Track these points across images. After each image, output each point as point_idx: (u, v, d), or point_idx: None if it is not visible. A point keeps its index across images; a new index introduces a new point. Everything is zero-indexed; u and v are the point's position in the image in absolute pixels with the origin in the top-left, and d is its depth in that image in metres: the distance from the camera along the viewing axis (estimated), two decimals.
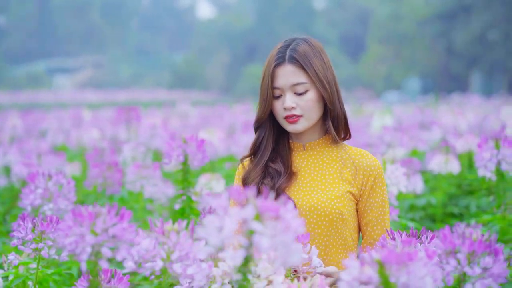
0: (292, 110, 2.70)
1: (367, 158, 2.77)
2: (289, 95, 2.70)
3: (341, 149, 2.81)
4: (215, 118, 14.11)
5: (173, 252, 2.06)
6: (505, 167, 3.81)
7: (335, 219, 2.67)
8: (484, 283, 1.94)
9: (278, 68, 2.72)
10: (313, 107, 2.71)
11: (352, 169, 2.74)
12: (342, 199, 2.69)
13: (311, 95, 2.70)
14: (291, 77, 2.70)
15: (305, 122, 2.73)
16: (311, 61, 2.70)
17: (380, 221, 2.75)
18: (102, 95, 37.48)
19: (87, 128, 9.29)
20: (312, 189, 2.73)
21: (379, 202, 2.75)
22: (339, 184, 2.72)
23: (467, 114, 10.80)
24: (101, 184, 4.91)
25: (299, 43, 2.74)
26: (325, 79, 2.70)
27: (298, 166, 2.79)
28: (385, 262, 1.79)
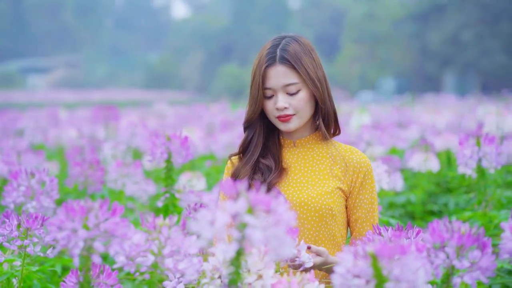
0: (285, 110, 2.71)
1: (357, 155, 2.79)
2: (281, 96, 2.71)
3: (331, 145, 2.82)
4: (193, 118, 14.10)
5: (165, 247, 2.06)
6: (486, 164, 3.85)
7: (324, 214, 2.69)
8: (472, 276, 1.96)
9: (269, 68, 2.72)
10: (305, 106, 2.72)
11: (342, 165, 2.76)
12: (332, 195, 2.71)
13: (303, 94, 2.71)
14: (283, 78, 2.70)
15: (297, 121, 2.74)
16: (302, 61, 2.70)
17: (369, 217, 2.77)
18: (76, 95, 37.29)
19: (65, 127, 9.26)
20: (302, 184, 2.75)
21: (368, 199, 2.76)
22: (329, 180, 2.74)
23: (444, 113, 10.89)
24: (82, 183, 4.89)
25: (289, 42, 2.74)
26: (316, 77, 2.72)
27: (289, 162, 2.81)
28: (378, 255, 1.80)
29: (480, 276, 1.97)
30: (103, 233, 1.95)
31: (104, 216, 1.94)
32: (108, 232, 1.95)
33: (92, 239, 1.93)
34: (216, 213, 1.75)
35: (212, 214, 1.75)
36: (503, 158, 3.92)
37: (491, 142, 3.86)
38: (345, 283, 1.83)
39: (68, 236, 1.91)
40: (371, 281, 1.81)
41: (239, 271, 1.82)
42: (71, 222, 1.92)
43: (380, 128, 7.45)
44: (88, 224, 1.92)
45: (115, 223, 1.95)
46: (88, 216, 1.93)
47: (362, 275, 1.81)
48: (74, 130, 8.86)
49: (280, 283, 2.03)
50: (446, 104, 19.28)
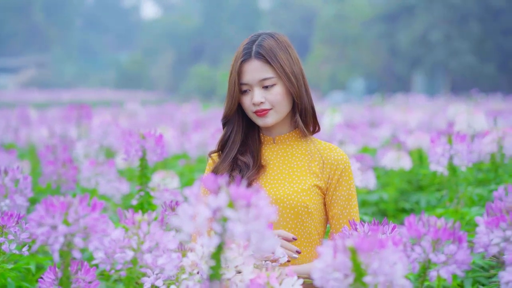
0: (261, 105, 2.74)
1: (335, 152, 2.80)
2: (257, 90, 2.73)
3: (310, 143, 2.84)
4: (165, 117, 14.07)
5: (144, 242, 2.07)
6: (457, 162, 3.90)
7: (300, 212, 2.70)
8: (449, 270, 1.99)
9: (245, 64, 2.75)
10: (282, 100, 2.74)
11: (320, 162, 2.78)
12: (308, 193, 2.72)
13: (279, 89, 2.73)
14: (258, 73, 2.72)
15: (274, 115, 2.76)
16: (276, 56, 2.72)
17: (345, 214, 2.77)
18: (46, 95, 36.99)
19: (36, 126, 9.20)
20: (279, 181, 2.76)
21: (344, 196, 2.77)
22: (306, 177, 2.75)
23: (415, 112, 10.98)
24: (55, 181, 4.86)
25: (265, 38, 2.77)
26: (292, 73, 2.74)
27: (268, 159, 2.83)
28: (357, 249, 1.83)
29: (456, 269, 2.00)
30: (83, 229, 1.95)
31: (84, 212, 1.95)
32: (87, 228, 1.95)
33: (72, 235, 1.93)
34: (197, 208, 1.76)
35: (193, 209, 1.77)
36: (474, 156, 3.97)
37: (463, 140, 3.91)
38: (324, 277, 1.86)
39: (48, 232, 1.91)
40: (350, 275, 1.84)
41: (220, 265, 1.83)
42: (51, 217, 1.92)
43: (353, 127, 7.51)
44: (68, 219, 1.92)
45: (95, 218, 1.95)
46: (68, 212, 1.93)
47: (341, 269, 1.84)
48: (45, 129, 8.82)
49: (259, 278, 2.05)
50: (417, 104, 19.45)
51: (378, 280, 1.82)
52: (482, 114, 5.75)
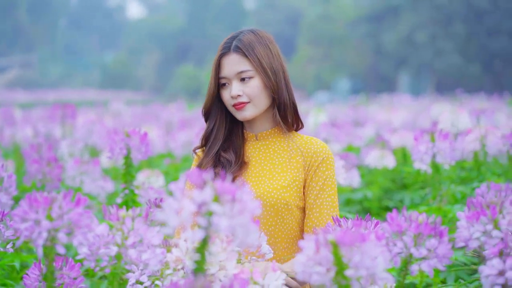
0: (239, 97, 2.76)
1: (315, 145, 2.82)
2: (235, 83, 2.77)
3: (293, 138, 2.85)
4: (150, 117, 14.07)
5: (128, 238, 2.08)
6: (440, 159, 3.93)
7: (280, 208, 2.72)
8: (430, 264, 2.02)
9: (224, 57, 2.79)
10: (259, 93, 2.77)
11: (301, 156, 2.79)
12: (289, 189, 2.74)
13: (256, 82, 2.76)
14: (236, 66, 2.76)
15: (252, 109, 2.78)
16: (254, 49, 2.76)
17: (319, 204, 2.75)
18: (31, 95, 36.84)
19: (21, 126, 9.17)
20: (260, 178, 2.78)
21: (319, 185, 2.76)
22: (286, 174, 2.77)
23: (400, 111, 11.03)
24: (40, 180, 4.86)
25: (245, 33, 2.81)
26: (269, 67, 2.76)
27: (250, 156, 2.84)
28: (339, 242, 1.85)
29: (437, 263, 2.02)
30: (67, 224, 1.96)
31: (68, 207, 1.96)
32: (72, 223, 1.96)
33: (55, 230, 1.94)
34: (182, 202, 1.77)
35: (178, 203, 1.78)
36: (457, 154, 4.00)
37: (445, 138, 3.94)
38: (306, 271, 1.87)
39: (32, 227, 1.92)
40: (331, 269, 1.86)
41: (205, 259, 1.85)
42: (34, 213, 1.93)
43: (337, 126, 7.54)
44: (51, 214, 1.93)
45: (79, 213, 1.97)
46: (51, 207, 1.94)
47: (323, 263, 1.86)
48: (30, 129, 8.80)
49: (242, 272, 2.06)
50: (402, 104, 19.53)
51: (360, 273, 1.84)
52: (466, 113, 5.79)
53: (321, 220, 2.71)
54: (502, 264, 1.93)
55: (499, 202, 2.10)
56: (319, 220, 2.72)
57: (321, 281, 1.87)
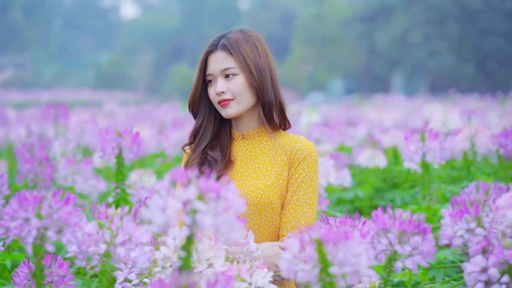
0: (223, 94, 2.80)
1: (300, 142, 2.84)
2: (220, 81, 2.80)
3: (279, 137, 2.87)
4: (143, 117, 14.08)
5: (116, 236, 2.10)
6: (430, 159, 3.96)
7: (264, 207, 2.74)
8: (414, 261, 2.04)
9: (210, 55, 2.83)
10: (243, 91, 2.79)
11: (285, 155, 2.81)
12: (273, 187, 2.76)
13: (240, 79, 2.79)
14: (221, 63, 2.80)
15: (236, 106, 2.81)
16: (240, 47, 2.79)
17: (295, 200, 2.76)
18: (25, 95, 36.78)
19: (14, 126, 9.18)
20: (244, 178, 2.80)
21: (297, 182, 2.77)
22: (271, 172, 2.79)
23: (392, 111, 11.07)
24: (32, 180, 4.87)
25: (233, 32, 2.85)
26: (254, 65, 2.79)
27: (236, 154, 2.87)
28: (323, 240, 1.87)
29: (421, 260, 2.05)
30: (56, 222, 1.98)
31: (57, 206, 1.98)
32: (61, 221, 1.99)
33: (45, 228, 1.96)
34: (167, 200, 1.80)
35: (163, 201, 1.81)
36: (446, 153, 4.03)
37: (435, 138, 3.97)
38: (291, 268, 1.90)
39: (21, 225, 1.94)
40: (316, 266, 1.88)
41: (190, 256, 1.87)
42: (24, 211, 1.95)
43: (329, 126, 7.58)
44: (41, 213, 1.96)
45: (68, 212, 1.99)
46: (41, 205, 1.96)
47: (307, 260, 1.88)
48: (23, 128, 8.82)
49: (230, 270, 2.09)
50: (395, 104, 19.57)
51: (344, 270, 1.87)
52: (456, 113, 5.83)
53: (295, 217, 2.72)
54: (485, 261, 1.96)
55: (483, 200, 2.13)
56: (294, 216, 2.73)
57: (306, 278, 1.90)
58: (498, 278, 1.93)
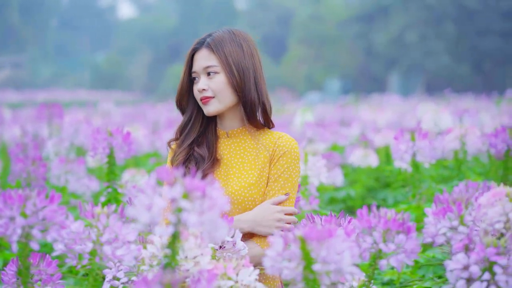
0: (204, 92, 2.83)
1: (282, 139, 2.86)
2: (203, 78, 2.84)
3: (263, 135, 2.89)
4: (138, 116, 14.09)
5: (103, 234, 2.12)
6: (420, 158, 3.99)
7: (248, 205, 2.77)
8: (398, 259, 2.06)
9: (195, 52, 2.88)
10: (224, 89, 2.82)
11: (267, 151, 2.83)
12: (256, 185, 2.78)
13: (221, 77, 2.82)
14: (203, 61, 2.83)
15: (217, 104, 2.83)
16: (223, 46, 2.82)
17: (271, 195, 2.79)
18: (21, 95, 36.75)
19: (9, 126, 9.20)
20: (228, 177, 2.83)
21: (275, 177, 2.79)
22: (254, 171, 2.81)
23: (386, 111, 11.10)
24: (25, 179, 4.88)
25: (220, 31, 2.89)
26: (236, 65, 2.81)
27: (222, 153, 2.89)
28: (306, 238, 1.89)
29: (405, 258, 2.07)
30: (41, 221, 2.00)
31: (42, 204, 2.00)
32: (46, 220, 2.00)
33: (30, 227, 1.98)
34: (152, 198, 1.82)
35: (149, 199, 1.82)
36: (436, 153, 4.06)
37: (425, 137, 4.00)
38: (275, 266, 1.92)
39: (6, 224, 1.95)
40: (300, 263, 1.90)
41: (175, 254, 1.89)
42: (9, 210, 1.96)
43: (323, 125, 7.60)
44: (26, 211, 1.97)
45: (53, 210, 2.01)
46: (25, 204, 1.98)
47: (291, 257, 1.90)
48: (18, 128, 8.83)
49: (216, 268, 2.10)
50: (390, 103, 19.60)
51: (328, 268, 1.89)
52: (448, 113, 5.86)
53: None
54: (467, 258, 1.98)
55: (465, 198, 2.15)
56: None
57: (291, 275, 1.92)
58: (479, 276, 1.95)
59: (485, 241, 1.97)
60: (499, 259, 1.94)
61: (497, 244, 1.96)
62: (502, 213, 2.11)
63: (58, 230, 2.01)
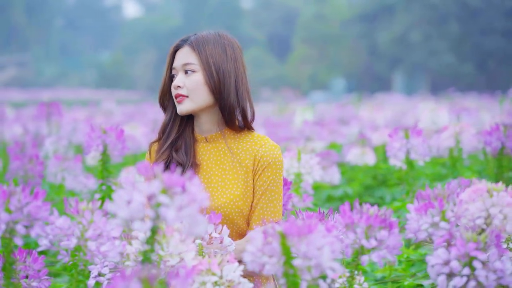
0: (179, 89, 2.80)
1: (264, 146, 2.81)
2: (180, 75, 2.82)
3: (244, 138, 2.86)
4: (139, 115, 14.10)
5: (87, 230, 2.13)
6: (414, 156, 4.00)
7: (235, 217, 2.75)
8: (380, 255, 2.07)
9: (178, 50, 2.86)
10: (198, 89, 2.78)
11: (250, 159, 2.79)
12: (242, 197, 2.76)
13: (197, 77, 2.78)
14: (183, 58, 2.82)
15: (189, 104, 2.79)
16: (206, 46, 2.80)
17: (259, 208, 2.77)
18: (25, 94, 36.79)
19: (11, 124, 9.22)
20: (212, 187, 2.79)
21: (261, 189, 2.77)
22: (238, 180, 2.78)
23: (385, 110, 11.10)
24: (22, 177, 4.91)
25: (206, 32, 2.87)
26: (216, 66, 2.78)
27: (201, 158, 2.85)
28: (287, 233, 1.90)
29: (387, 254, 2.08)
30: (26, 216, 2.01)
31: (26, 200, 2.01)
32: (30, 216, 2.02)
33: (14, 222, 2.00)
34: (131, 193, 1.83)
35: (128, 194, 1.84)
36: (430, 150, 4.07)
37: (419, 135, 4.01)
38: (255, 261, 1.93)
39: None
40: (280, 259, 1.91)
41: (153, 249, 1.90)
42: None
43: (321, 124, 7.61)
44: (10, 207, 1.99)
45: (37, 206, 2.02)
46: (9, 200, 1.99)
47: (271, 253, 1.91)
48: (19, 126, 8.85)
49: (200, 264, 2.11)
50: (392, 102, 19.60)
51: (308, 263, 1.90)
52: (445, 111, 5.86)
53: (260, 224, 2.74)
54: (447, 254, 1.98)
55: (447, 194, 2.16)
56: (258, 224, 2.74)
57: (272, 271, 1.93)
58: (459, 271, 1.96)
59: (465, 236, 1.98)
60: (479, 254, 1.95)
61: (477, 239, 1.97)
62: (482, 209, 2.12)
63: (42, 225, 2.02)
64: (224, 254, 2.36)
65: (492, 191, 2.15)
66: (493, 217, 2.11)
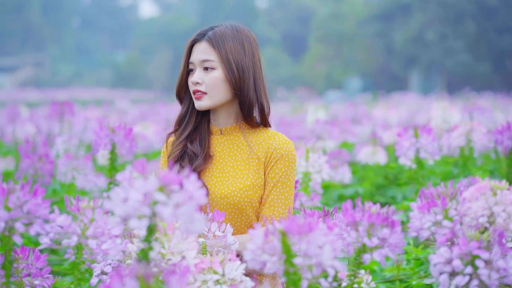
0: (197, 85, 2.80)
1: (278, 140, 2.82)
2: (198, 71, 2.81)
3: (258, 133, 2.87)
4: (153, 115, 14.12)
5: (88, 228, 2.13)
6: (424, 155, 3.97)
7: (244, 207, 2.75)
8: (381, 253, 2.06)
9: (195, 44, 2.84)
10: (218, 86, 2.78)
11: (263, 152, 2.80)
12: (252, 187, 2.76)
13: (218, 73, 2.78)
14: (202, 54, 2.80)
15: (208, 100, 2.80)
16: (225, 42, 2.79)
17: (270, 200, 2.77)
18: (41, 94, 36.94)
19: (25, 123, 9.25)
20: (224, 176, 2.80)
21: (273, 181, 2.77)
22: (249, 171, 2.79)
23: (398, 109, 11.05)
24: (32, 176, 4.91)
25: (224, 26, 2.85)
26: (236, 62, 2.78)
27: (215, 150, 2.86)
28: (287, 231, 1.89)
29: (389, 252, 2.06)
30: (25, 214, 2.01)
31: (26, 198, 2.01)
32: (30, 213, 2.01)
33: (14, 220, 1.99)
34: (128, 191, 1.82)
35: (124, 192, 1.82)
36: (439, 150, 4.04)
37: (428, 134, 3.98)
38: (255, 259, 1.92)
39: None
40: (281, 257, 1.90)
41: (150, 248, 1.89)
42: None
43: (333, 123, 7.58)
44: (9, 205, 1.98)
45: (36, 204, 2.01)
46: (8, 197, 1.99)
47: (272, 251, 1.90)
48: (31, 125, 8.89)
49: (202, 263, 2.10)
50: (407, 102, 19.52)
51: (309, 262, 1.88)
52: (457, 110, 5.83)
53: (269, 217, 2.73)
54: (450, 252, 1.96)
55: (450, 193, 2.14)
56: (268, 216, 2.74)
57: (273, 269, 1.91)
58: (461, 269, 1.94)
59: (468, 235, 1.96)
60: (482, 253, 1.92)
61: (479, 238, 1.95)
62: (485, 207, 2.10)
63: (41, 223, 2.02)
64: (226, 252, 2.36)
65: (496, 189, 2.13)
66: (496, 216, 2.09)
